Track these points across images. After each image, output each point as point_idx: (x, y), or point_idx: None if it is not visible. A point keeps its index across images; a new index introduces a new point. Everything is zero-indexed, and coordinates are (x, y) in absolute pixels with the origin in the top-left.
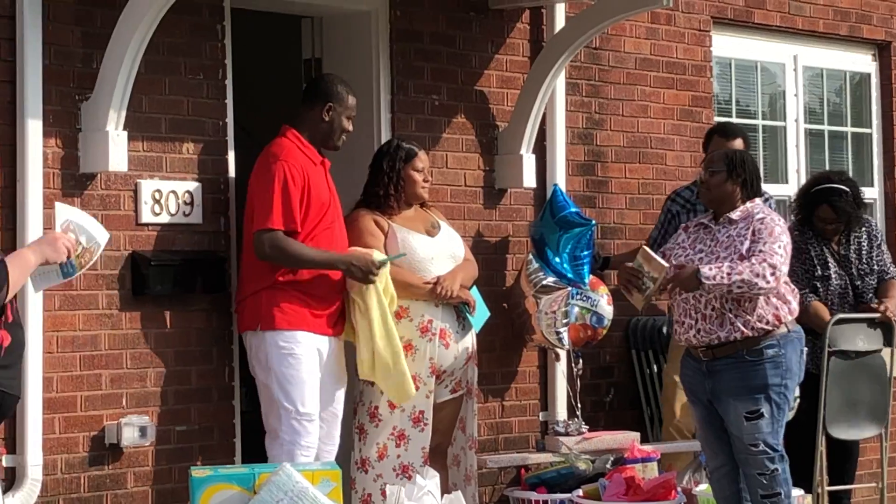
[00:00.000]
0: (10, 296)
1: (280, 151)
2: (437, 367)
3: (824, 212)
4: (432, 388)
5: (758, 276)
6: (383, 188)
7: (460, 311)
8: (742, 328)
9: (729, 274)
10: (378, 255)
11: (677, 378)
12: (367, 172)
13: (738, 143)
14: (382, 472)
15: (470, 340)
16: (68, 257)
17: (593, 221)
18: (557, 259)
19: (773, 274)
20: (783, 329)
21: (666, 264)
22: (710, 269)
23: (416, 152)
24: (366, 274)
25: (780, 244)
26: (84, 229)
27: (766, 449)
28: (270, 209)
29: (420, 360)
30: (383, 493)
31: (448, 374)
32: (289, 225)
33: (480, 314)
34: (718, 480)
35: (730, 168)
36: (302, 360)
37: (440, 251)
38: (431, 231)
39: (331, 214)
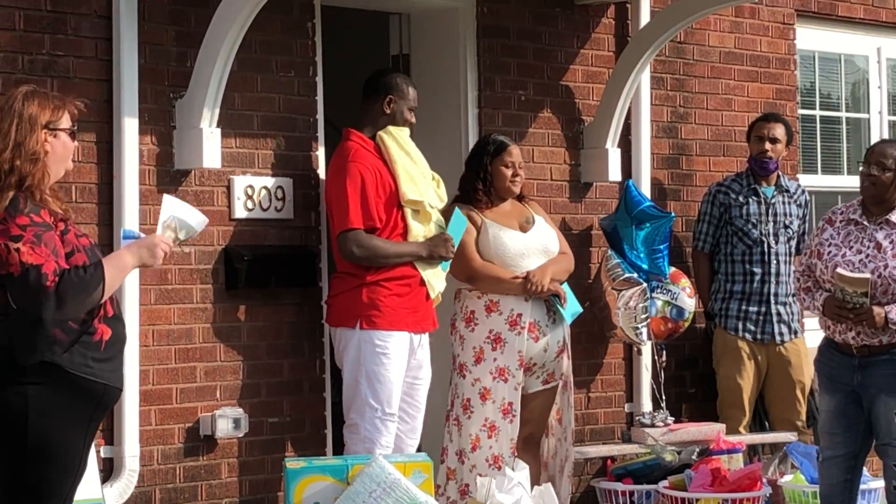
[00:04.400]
0: (105, 297)
1: (349, 153)
2: (526, 359)
3: None
4: (521, 380)
5: None
6: (472, 183)
7: (551, 303)
8: None
9: None
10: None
11: (741, 380)
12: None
13: (781, 129)
14: (476, 462)
15: (562, 333)
16: None
17: (672, 214)
18: (634, 252)
19: None
20: None
21: (867, 275)
22: None
23: (506, 146)
24: (448, 249)
25: None
26: (185, 223)
27: None
28: (348, 209)
29: (509, 352)
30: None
31: (539, 366)
32: (368, 222)
33: (572, 307)
34: (829, 469)
35: None
36: (394, 359)
37: (532, 246)
38: (525, 226)
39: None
